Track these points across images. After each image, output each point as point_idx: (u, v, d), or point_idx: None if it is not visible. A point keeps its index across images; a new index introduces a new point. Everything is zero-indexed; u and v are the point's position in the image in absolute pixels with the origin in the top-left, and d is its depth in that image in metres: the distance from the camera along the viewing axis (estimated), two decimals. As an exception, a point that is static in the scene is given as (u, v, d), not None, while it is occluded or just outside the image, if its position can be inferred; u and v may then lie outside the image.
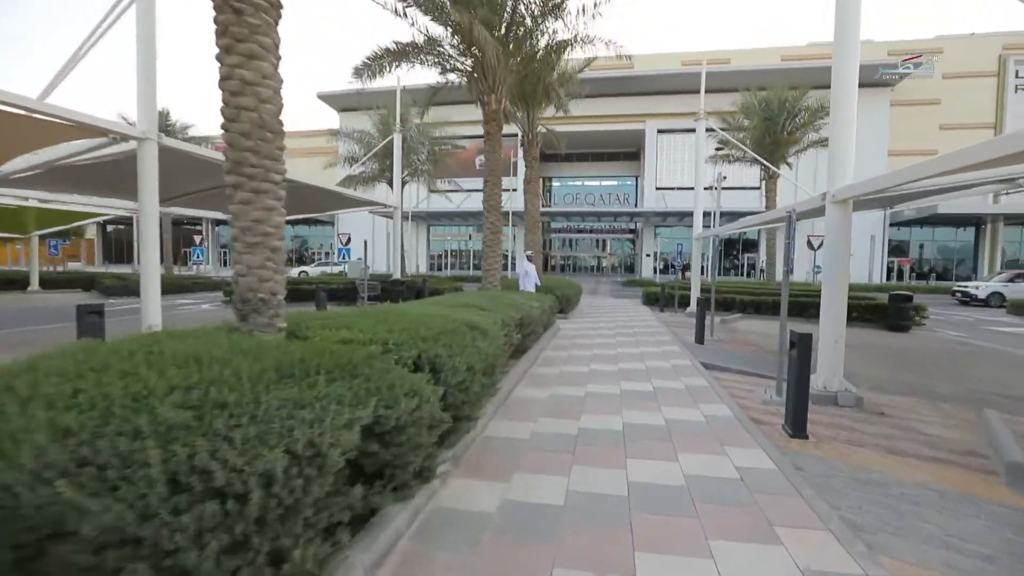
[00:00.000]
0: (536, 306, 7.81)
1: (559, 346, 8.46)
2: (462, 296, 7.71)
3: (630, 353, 7.90)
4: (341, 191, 13.39)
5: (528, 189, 13.75)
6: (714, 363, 7.20)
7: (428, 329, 3.50)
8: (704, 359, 7.41)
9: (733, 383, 6.32)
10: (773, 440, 4.27)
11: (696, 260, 14.06)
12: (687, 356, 7.69)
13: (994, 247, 38.30)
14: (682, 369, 6.82)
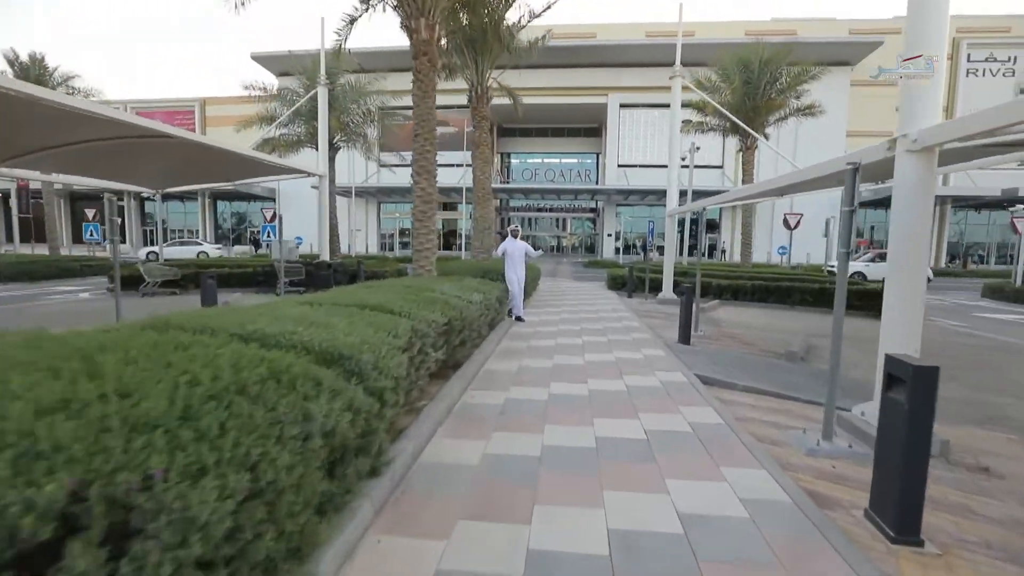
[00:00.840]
0: (477, 301, 5.73)
1: (508, 352, 6.42)
2: (380, 287, 5.56)
3: (603, 362, 5.97)
4: (250, 154, 10.73)
5: (477, 155, 11.54)
6: (713, 376, 5.36)
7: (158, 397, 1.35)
8: (700, 371, 5.56)
9: (749, 412, 4.47)
10: (867, 552, 2.40)
11: (670, 239, 12.30)
12: (677, 365, 5.82)
13: (941, 230, 39.00)
14: (676, 390, 4.93)
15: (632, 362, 5.96)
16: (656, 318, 10.13)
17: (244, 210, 47.34)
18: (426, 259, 7.37)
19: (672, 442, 3.58)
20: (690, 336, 7.27)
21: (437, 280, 6.71)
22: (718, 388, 5.16)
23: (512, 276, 8.59)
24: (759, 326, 9.49)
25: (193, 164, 11.96)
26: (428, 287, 5.84)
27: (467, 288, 6.20)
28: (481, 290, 6.35)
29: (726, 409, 4.36)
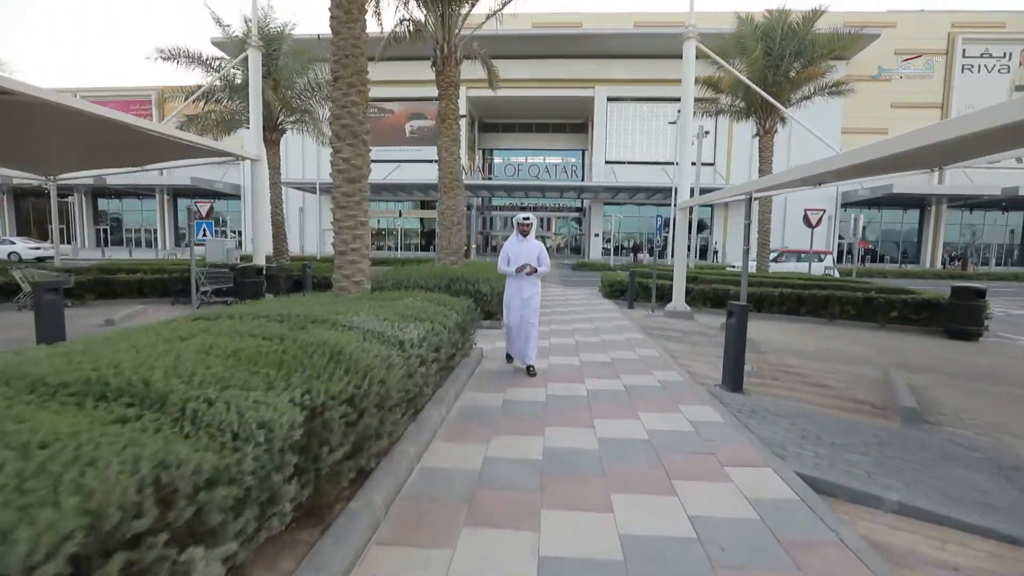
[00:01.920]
0: (413, 341, 3.31)
1: (468, 420, 3.99)
2: (227, 318, 3.14)
3: (627, 439, 3.61)
4: (162, 131, 8.21)
5: (444, 131, 9.12)
6: (829, 479, 3.02)
7: None
8: (798, 463, 3.21)
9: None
10: None
11: (682, 238, 10.02)
12: (751, 447, 3.47)
13: (937, 230, 37.80)
14: (780, 519, 2.57)
15: (675, 438, 3.59)
16: (673, 339, 7.81)
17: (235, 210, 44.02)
18: (352, 266, 4.90)
19: None
20: (742, 379, 4.94)
21: (360, 300, 4.28)
22: (845, 504, 2.83)
23: (513, 299, 5.29)
24: (811, 351, 7.24)
25: (93, 144, 9.37)
26: (331, 314, 3.42)
27: (404, 314, 3.78)
28: (428, 317, 3.93)
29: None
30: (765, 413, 4.16)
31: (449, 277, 7.84)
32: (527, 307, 5.19)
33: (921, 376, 5.88)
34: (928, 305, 9.12)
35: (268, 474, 1.72)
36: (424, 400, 3.70)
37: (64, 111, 6.40)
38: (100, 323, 8.35)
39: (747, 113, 14.64)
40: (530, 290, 5.25)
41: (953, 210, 38.16)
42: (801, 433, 3.73)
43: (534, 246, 5.29)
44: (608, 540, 2.31)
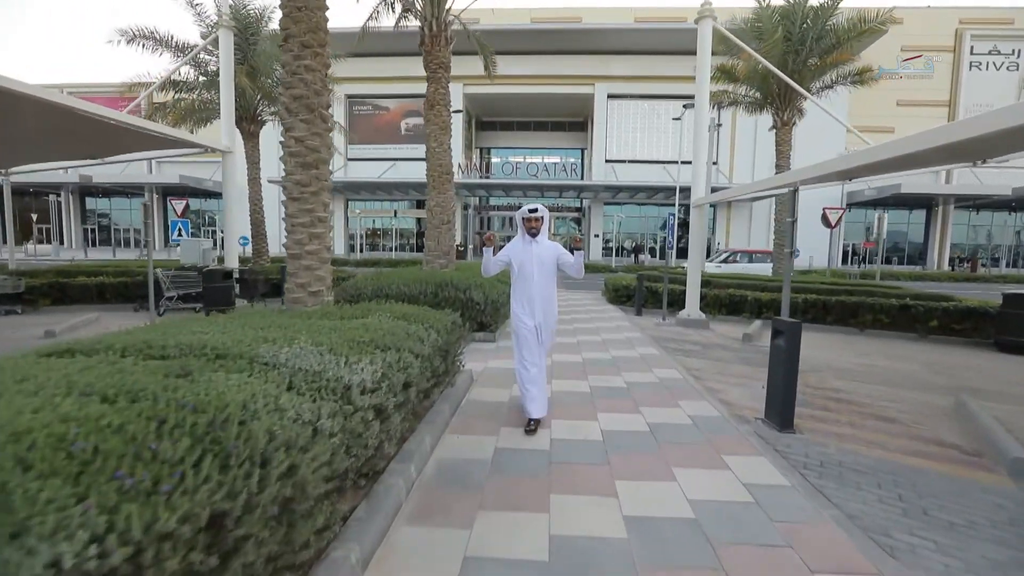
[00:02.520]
0: (358, 411, 2.31)
1: (438, 509, 3.01)
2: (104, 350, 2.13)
3: (666, 524, 2.63)
4: (124, 119, 7.24)
5: (432, 119, 8.09)
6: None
7: None
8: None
9: None
10: None
11: (697, 238, 9.05)
12: (842, 533, 2.49)
13: (944, 230, 36.94)
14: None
15: (730, 516, 2.60)
16: (693, 355, 6.83)
17: (198, 207, 42.91)
18: (308, 272, 3.88)
19: None
20: (793, 414, 3.96)
21: (311, 319, 3.29)
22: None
23: (522, 321, 3.80)
24: (854, 370, 6.27)
25: (49, 134, 8.38)
26: (257, 341, 2.43)
27: (362, 340, 2.78)
28: (395, 343, 2.94)
29: None
30: (839, 468, 3.18)
31: (437, 283, 6.85)
32: (545, 335, 3.84)
33: (997, 404, 4.91)
34: (974, 314, 8.15)
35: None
36: (384, 461, 2.71)
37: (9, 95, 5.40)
38: (40, 335, 7.34)
39: (762, 105, 13.66)
40: (544, 310, 3.78)
41: (960, 210, 37.31)
42: (900, 505, 2.75)
43: (548, 250, 3.78)
44: None
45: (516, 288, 3.85)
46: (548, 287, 3.80)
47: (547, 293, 3.79)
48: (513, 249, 3.86)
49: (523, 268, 3.77)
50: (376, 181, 31.72)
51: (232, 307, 9.00)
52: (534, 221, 3.75)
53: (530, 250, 3.76)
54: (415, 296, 6.74)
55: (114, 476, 1.23)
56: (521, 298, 3.80)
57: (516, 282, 3.84)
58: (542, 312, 3.76)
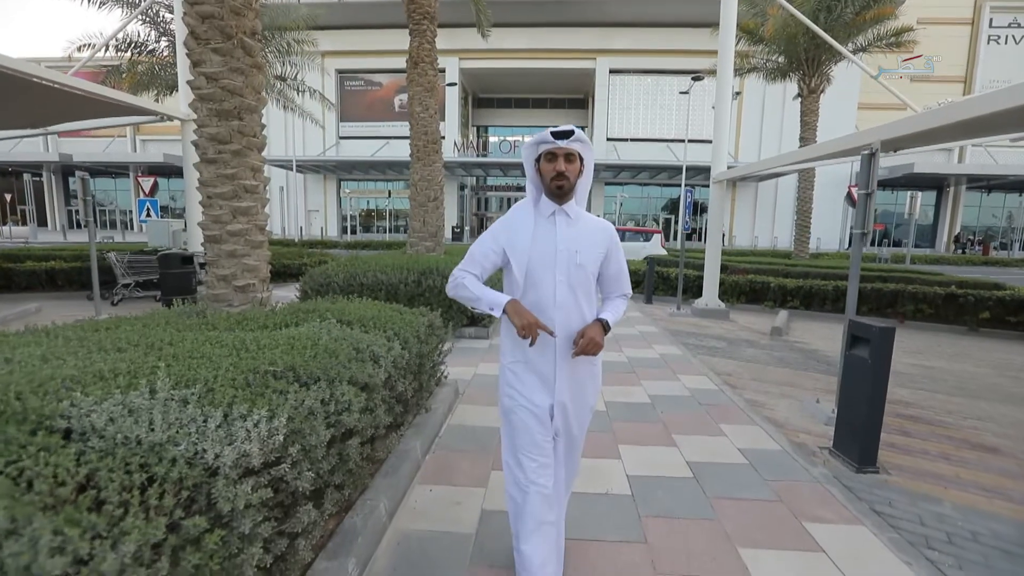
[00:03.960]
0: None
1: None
2: None
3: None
4: (66, 82, 6.18)
5: (416, 79, 6.85)
6: None
7: None
8: None
9: None
10: None
11: (715, 218, 8.02)
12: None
13: (955, 211, 35.93)
14: None
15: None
16: (719, 353, 5.86)
17: (183, 187, 41.51)
18: (234, 260, 2.83)
19: None
20: (876, 449, 2.99)
21: (221, 328, 2.29)
22: None
23: (520, 393, 1.69)
24: (910, 373, 5.30)
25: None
26: (57, 391, 1.42)
27: (274, 370, 1.78)
28: (331, 370, 1.93)
29: None
30: (971, 545, 2.21)
31: (420, 270, 5.81)
32: (567, 419, 1.75)
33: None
34: (1020, 305, 7.18)
35: None
36: (299, 570, 1.72)
37: None
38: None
39: (785, 71, 12.44)
40: (581, 379, 1.74)
41: (971, 192, 36.23)
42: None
43: (591, 235, 1.70)
44: None
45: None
46: (578, 314, 1.67)
47: (576, 326, 1.66)
48: (513, 229, 1.69)
49: (534, 271, 1.65)
50: (369, 160, 30.43)
51: (192, 295, 7.97)
52: (564, 159, 1.61)
53: (552, 231, 1.66)
54: (394, 285, 5.71)
55: None
56: (524, 342, 1.64)
57: (519, 300, 1.65)
58: (568, 375, 1.69)
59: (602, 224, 1.74)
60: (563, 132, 1.60)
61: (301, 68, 15.30)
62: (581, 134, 1.62)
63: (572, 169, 1.63)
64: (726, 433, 3.38)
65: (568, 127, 1.62)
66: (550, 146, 1.61)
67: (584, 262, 1.65)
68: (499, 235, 1.70)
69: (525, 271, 1.65)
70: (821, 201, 24.10)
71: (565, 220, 1.67)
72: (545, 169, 1.64)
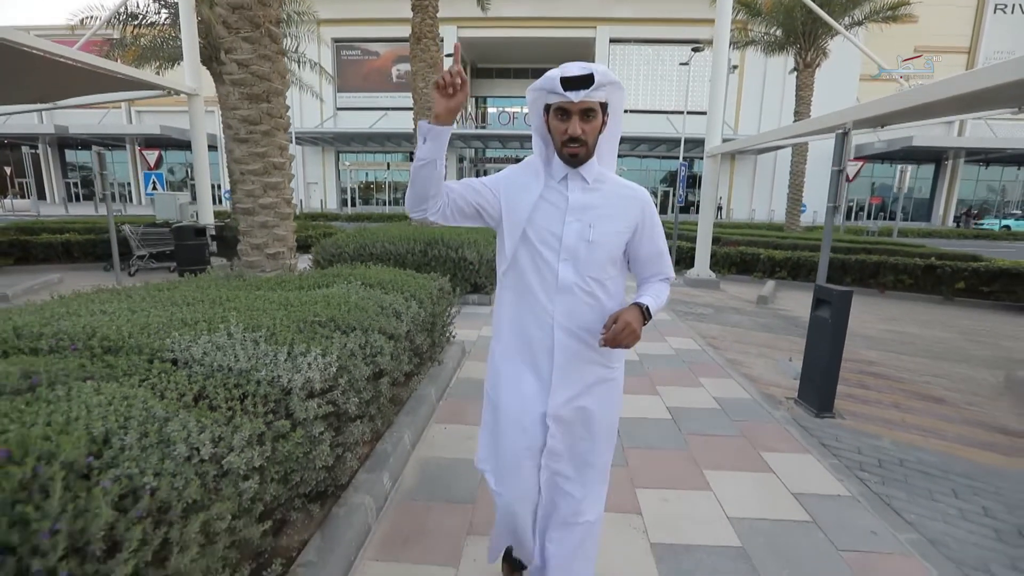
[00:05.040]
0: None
1: (412, 541, 2.45)
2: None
3: (698, 552, 2.09)
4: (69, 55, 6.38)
5: (418, 54, 6.99)
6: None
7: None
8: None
9: None
10: None
11: (708, 191, 8.33)
12: (921, 571, 1.96)
13: (952, 185, 35.98)
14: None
15: (779, 541, 2.08)
16: (707, 319, 6.28)
17: (184, 160, 41.17)
18: (265, 231, 3.20)
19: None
20: (834, 398, 3.42)
21: (259, 290, 2.66)
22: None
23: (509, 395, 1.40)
24: (883, 337, 5.73)
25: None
26: (170, 326, 1.81)
27: (316, 321, 2.16)
28: (363, 322, 2.31)
29: None
30: (902, 470, 2.65)
31: (425, 240, 6.17)
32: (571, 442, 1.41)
33: None
34: (1004, 274, 7.57)
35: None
36: (349, 473, 2.14)
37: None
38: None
39: (783, 44, 12.52)
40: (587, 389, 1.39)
41: (969, 165, 36.20)
42: (989, 523, 2.22)
43: (616, 205, 1.33)
44: None
45: (511, 297, 1.41)
46: (590, 303, 1.35)
47: (588, 325, 1.35)
48: (517, 184, 1.36)
49: (531, 244, 1.33)
50: (367, 132, 30.30)
51: (207, 267, 8.32)
52: (580, 118, 1.23)
53: (562, 199, 1.32)
54: (402, 255, 6.08)
55: None
56: (518, 330, 1.40)
57: (513, 281, 1.39)
58: (570, 380, 1.37)
59: (632, 190, 1.35)
60: (578, 79, 1.18)
61: (300, 39, 15.27)
62: (606, 75, 1.21)
63: (591, 128, 1.23)
64: (704, 385, 3.81)
65: (585, 71, 1.18)
66: (560, 100, 1.21)
67: (599, 239, 1.29)
68: (500, 181, 1.37)
69: (518, 240, 1.32)
70: (818, 175, 24.33)
71: (581, 185, 1.31)
72: (555, 128, 1.25)
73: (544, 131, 1.32)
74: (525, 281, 1.35)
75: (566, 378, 1.35)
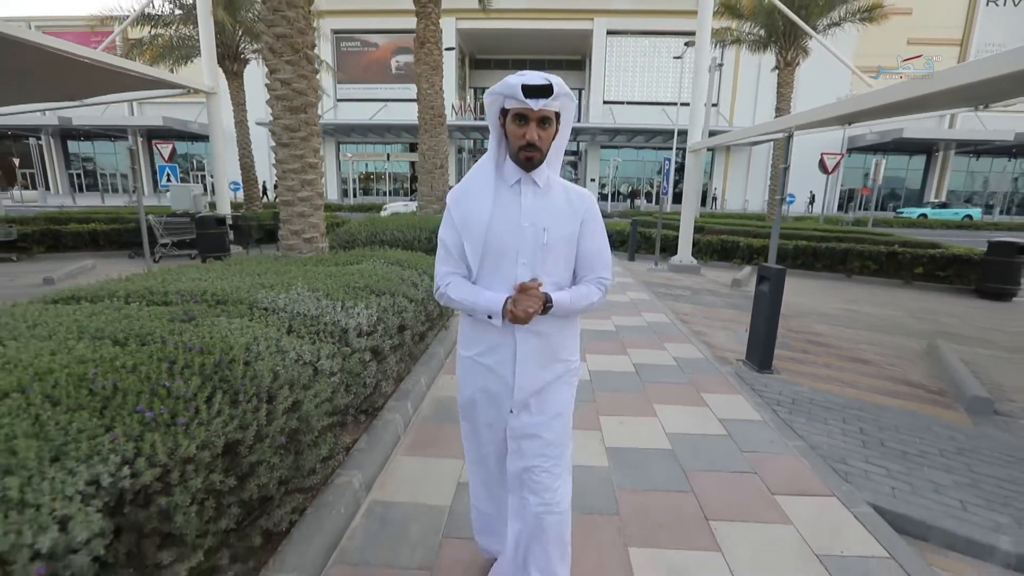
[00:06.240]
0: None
1: (432, 441, 3.20)
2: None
3: (645, 455, 2.86)
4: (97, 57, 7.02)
5: (423, 58, 7.66)
6: (909, 514, 2.31)
7: None
8: (876, 495, 2.47)
9: None
10: None
11: (691, 183, 9.02)
12: (805, 463, 2.73)
13: (942, 176, 36.58)
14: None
15: (704, 448, 2.83)
16: (683, 299, 7.02)
17: (184, 151, 41.57)
18: (302, 219, 3.92)
19: None
20: (772, 356, 4.17)
21: (306, 266, 3.37)
22: (940, 553, 2.11)
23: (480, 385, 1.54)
24: (838, 315, 6.48)
25: (25, 74, 8.08)
26: (255, 288, 2.53)
27: (356, 286, 2.87)
28: (390, 288, 3.04)
29: None
30: (809, 406, 3.40)
31: (431, 228, 6.87)
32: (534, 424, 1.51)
33: (969, 347, 5.15)
34: (958, 260, 8.31)
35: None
36: (383, 399, 2.88)
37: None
38: (39, 282, 7.40)
39: (766, 43, 13.14)
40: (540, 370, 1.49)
41: (959, 156, 36.78)
42: (860, 437, 2.97)
43: (565, 208, 1.44)
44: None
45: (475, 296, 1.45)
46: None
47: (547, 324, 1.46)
48: (467, 201, 1.44)
49: (490, 253, 1.42)
50: (367, 123, 30.78)
51: (227, 253, 9.03)
52: (538, 124, 1.33)
53: (515, 204, 1.41)
54: (410, 242, 6.78)
55: (136, 410, 1.35)
56: (481, 329, 1.49)
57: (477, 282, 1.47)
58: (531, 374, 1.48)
59: (578, 193, 1.47)
60: (538, 88, 1.27)
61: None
62: (562, 87, 1.30)
63: (546, 135, 1.34)
64: (667, 348, 4.55)
65: (544, 81, 1.27)
66: (519, 106, 1.29)
67: (552, 242, 1.39)
68: (452, 213, 1.43)
69: (481, 254, 1.39)
70: (805, 168, 24.93)
71: (532, 190, 1.40)
72: (513, 132, 1.33)
73: (500, 135, 1.40)
74: (487, 286, 1.42)
75: (528, 374, 1.45)
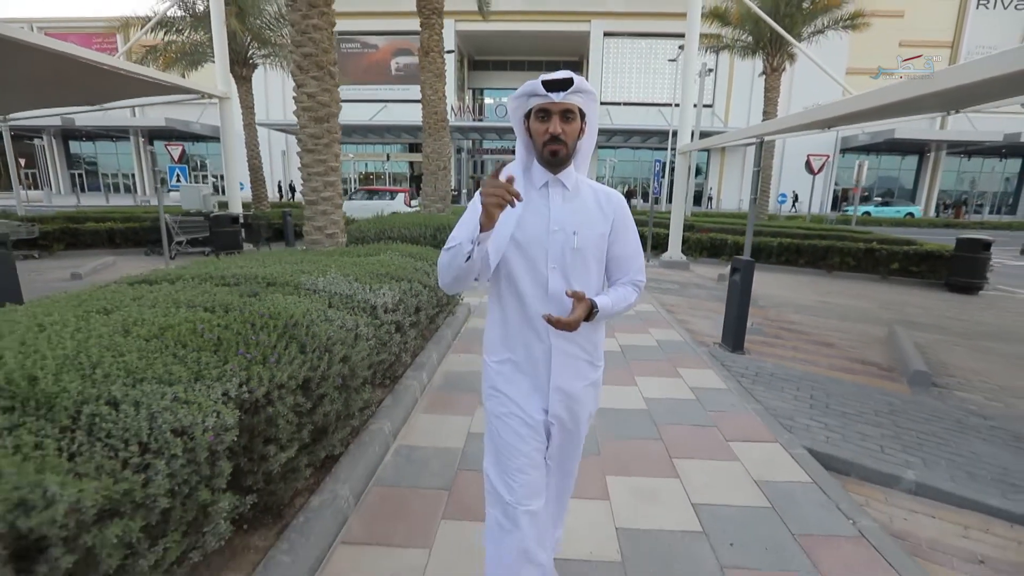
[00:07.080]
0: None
1: (446, 403, 3.70)
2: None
3: (625, 414, 3.37)
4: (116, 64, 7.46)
5: (427, 66, 8.17)
6: (841, 456, 2.83)
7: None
8: (812, 442, 2.99)
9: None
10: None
11: (681, 184, 9.53)
12: (758, 419, 3.24)
13: (934, 176, 37.18)
14: (796, 510, 2.36)
15: (675, 407, 3.34)
16: (670, 293, 7.53)
17: (189, 151, 41.92)
18: (324, 217, 4.41)
19: None
20: (744, 338, 4.68)
21: (332, 257, 3.86)
22: (859, 484, 2.62)
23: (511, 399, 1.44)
24: (813, 306, 6.99)
25: (46, 80, 8.54)
26: (295, 274, 3.03)
27: (378, 273, 3.37)
28: (406, 275, 3.54)
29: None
30: (770, 378, 3.91)
31: (435, 226, 7.37)
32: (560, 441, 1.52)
33: (926, 334, 5.67)
34: (930, 256, 8.84)
35: (192, 490, 1.39)
36: (403, 367, 3.39)
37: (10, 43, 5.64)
38: (66, 277, 7.87)
39: (754, 49, 13.67)
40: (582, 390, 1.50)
41: (951, 157, 37.38)
42: (809, 401, 3.49)
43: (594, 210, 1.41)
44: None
45: (504, 307, 1.45)
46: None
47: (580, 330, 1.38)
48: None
49: (519, 257, 1.38)
50: (368, 124, 31.23)
51: (240, 250, 9.52)
52: (560, 118, 1.31)
53: (544, 207, 1.38)
54: (416, 238, 7.27)
55: (238, 353, 1.85)
56: (513, 335, 1.44)
57: (504, 291, 1.44)
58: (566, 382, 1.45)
59: (607, 194, 1.44)
60: (558, 82, 1.27)
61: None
62: (582, 82, 1.29)
63: (570, 130, 1.31)
64: (651, 332, 5.07)
65: (565, 74, 1.27)
66: (542, 101, 1.29)
67: (583, 246, 1.36)
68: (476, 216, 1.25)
69: (508, 254, 1.36)
70: (797, 168, 25.42)
71: (561, 192, 1.38)
72: (536, 129, 1.32)
73: (526, 138, 1.38)
74: (517, 291, 1.37)
75: (563, 381, 1.41)
